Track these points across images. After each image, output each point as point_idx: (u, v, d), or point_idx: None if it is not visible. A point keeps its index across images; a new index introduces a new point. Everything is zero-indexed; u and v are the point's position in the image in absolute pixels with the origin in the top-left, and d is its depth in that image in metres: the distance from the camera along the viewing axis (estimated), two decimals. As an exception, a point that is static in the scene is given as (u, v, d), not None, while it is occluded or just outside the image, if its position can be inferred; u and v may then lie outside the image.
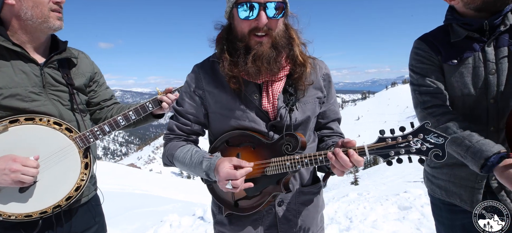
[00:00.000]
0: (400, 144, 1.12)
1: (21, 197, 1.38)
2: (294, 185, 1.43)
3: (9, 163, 1.28)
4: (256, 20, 1.22)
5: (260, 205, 1.34)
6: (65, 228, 1.56)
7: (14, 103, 1.38)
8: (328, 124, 1.52)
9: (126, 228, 4.88)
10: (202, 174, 1.32)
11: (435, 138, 1.11)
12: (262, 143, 1.31)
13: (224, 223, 1.46)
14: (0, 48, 1.38)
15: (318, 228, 1.54)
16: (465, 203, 1.55)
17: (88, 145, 1.50)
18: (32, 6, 1.37)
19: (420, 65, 1.58)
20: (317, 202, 1.51)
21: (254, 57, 1.24)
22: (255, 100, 1.33)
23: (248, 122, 1.34)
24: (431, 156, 1.10)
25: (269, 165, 1.28)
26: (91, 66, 1.75)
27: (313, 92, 1.41)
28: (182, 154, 1.37)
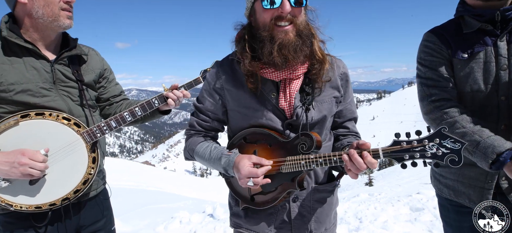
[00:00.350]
0: (415, 148, 1.12)
1: (31, 189, 1.43)
2: (309, 183, 1.44)
3: (18, 157, 1.33)
4: (280, 8, 1.22)
5: (275, 200, 1.37)
6: (74, 220, 1.61)
7: (25, 98, 1.43)
8: (344, 123, 1.52)
9: (138, 223, 4.99)
10: (221, 169, 1.37)
11: (451, 143, 1.10)
12: (278, 141, 1.33)
13: (240, 215, 1.49)
14: (13, 45, 1.43)
15: (331, 225, 1.55)
16: (474, 204, 1.50)
17: (95, 140, 1.54)
18: (43, 5, 1.41)
19: (429, 58, 1.52)
20: (331, 200, 1.52)
21: (280, 46, 1.25)
22: (272, 99, 1.35)
23: (265, 120, 1.36)
24: (446, 161, 1.09)
25: (285, 163, 1.30)
26: (101, 62, 1.79)
27: (330, 92, 1.41)
28: (202, 150, 1.42)
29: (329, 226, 1.53)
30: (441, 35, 1.51)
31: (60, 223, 1.55)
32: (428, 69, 1.52)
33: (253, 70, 1.30)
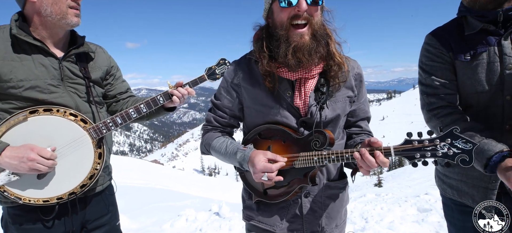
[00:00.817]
0: (427, 147, 1.14)
1: (39, 183, 1.47)
2: (321, 179, 1.47)
3: (27, 152, 1.37)
4: (296, 6, 1.25)
5: (287, 194, 1.41)
6: (80, 214, 1.64)
7: (33, 94, 1.47)
8: (357, 122, 1.54)
9: (145, 221, 5.06)
10: (236, 163, 1.41)
11: (463, 144, 1.11)
12: (292, 138, 1.36)
13: (252, 208, 1.53)
14: (22, 42, 1.47)
15: (341, 221, 1.58)
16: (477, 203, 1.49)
17: (101, 136, 1.57)
18: (52, 3, 1.45)
19: (430, 63, 1.53)
20: (342, 197, 1.55)
21: (295, 49, 1.29)
22: (288, 97, 1.38)
23: (280, 117, 1.39)
24: (457, 161, 1.11)
25: (298, 158, 1.33)
26: (108, 60, 1.82)
27: (344, 91, 1.44)
28: (218, 145, 1.47)
29: (339, 223, 1.56)
30: (442, 38, 1.50)
31: (67, 217, 1.59)
32: (428, 75, 1.53)
33: (271, 70, 1.34)
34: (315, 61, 1.33)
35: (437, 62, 1.50)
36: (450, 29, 1.51)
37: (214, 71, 1.87)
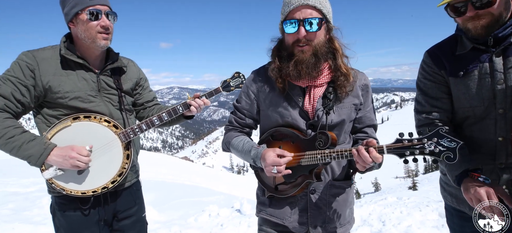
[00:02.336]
0: (416, 145, 1.28)
1: (79, 178, 1.75)
2: (326, 177, 1.63)
3: (69, 152, 1.65)
4: (297, 33, 1.46)
5: (295, 189, 1.58)
6: (111, 206, 1.92)
7: (76, 103, 1.75)
8: (363, 129, 1.69)
9: (172, 214, 5.42)
10: (250, 160, 1.61)
11: (448, 142, 1.25)
12: (300, 139, 1.55)
13: (265, 204, 1.72)
14: (69, 60, 1.75)
15: (345, 221, 1.72)
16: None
17: (129, 139, 1.83)
18: (84, 29, 1.72)
19: (424, 81, 1.64)
20: (346, 197, 1.70)
21: (296, 62, 1.49)
22: (299, 102, 1.58)
23: (291, 120, 1.58)
24: (443, 157, 1.24)
25: (304, 156, 1.51)
26: (137, 72, 2.09)
27: (350, 99, 1.60)
28: (236, 143, 1.68)
29: (343, 222, 1.70)
30: (436, 57, 1.60)
31: (100, 207, 1.87)
32: (421, 92, 1.65)
33: (280, 77, 1.55)
34: (313, 74, 1.51)
35: (430, 80, 1.61)
36: (445, 47, 1.60)
37: (228, 84, 2.07)
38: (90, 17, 1.69)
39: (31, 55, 1.70)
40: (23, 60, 1.67)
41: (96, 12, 1.70)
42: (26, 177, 8.74)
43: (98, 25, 1.72)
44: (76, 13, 1.70)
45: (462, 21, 1.43)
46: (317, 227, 1.63)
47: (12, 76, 1.64)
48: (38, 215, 5.19)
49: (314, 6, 1.44)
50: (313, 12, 1.45)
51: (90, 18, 1.69)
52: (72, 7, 1.70)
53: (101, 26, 1.72)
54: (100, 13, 1.71)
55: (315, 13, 1.45)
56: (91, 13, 1.69)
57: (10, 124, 1.59)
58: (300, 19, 1.44)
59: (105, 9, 1.73)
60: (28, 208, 5.52)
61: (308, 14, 1.44)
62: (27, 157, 1.60)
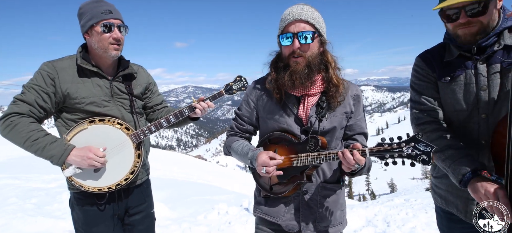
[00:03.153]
0: (395, 149, 1.37)
1: (95, 176, 1.93)
2: (317, 179, 1.74)
3: (86, 152, 1.82)
4: (291, 45, 1.59)
5: (288, 190, 1.70)
6: (123, 202, 2.09)
7: (92, 108, 1.93)
8: (353, 136, 1.79)
9: (183, 212, 5.61)
10: (248, 162, 1.74)
11: (423, 147, 1.33)
12: (293, 142, 1.68)
13: (261, 203, 1.85)
14: (84, 69, 1.93)
15: (336, 222, 1.80)
16: (461, 213, 1.64)
17: (139, 140, 1.99)
18: (98, 40, 1.88)
19: (418, 82, 1.71)
20: (337, 199, 1.79)
21: (291, 73, 1.62)
22: (294, 109, 1.70)
23: (286, 126, 1.71)
24: (418, 160, 1.33)
25: (296, 158, 1.64)
26: (147, 78, 2.25)
27: (342, 108, 1.71)
28: (236, 146, 1.82)
29: (334, 223, 1.79)
30: (428, 60, 1.67)
31: (114, 203, 2.04)
32: (416, 93, 1.71)
33: (277, 87, 1.68)
34: (306, 83, 1.62)
35: (424, 81, 1.68)
36: (434, 53, 1.67)
37: (231, 87, 2.21)
38: (104, 30, 1.86)
39: (51, 65, 1.88)
40: (45, 70, 1.86)
41: (109, 25, 1.87)
42: (47, 174, 9.18)
43: (110, 37, 1.88)
44: (91, 25, 1.87)
45: (453, 27, 1.50)
46: (309, 225, 1.74)
47: (35, 85, 1.83)
48: (58, 210, 5.50)
49: (307, 21, 1.57)
50: (307, 26, 1.57)
51: (103, 31, 1.86)
52: (88, 20, 1.88)
53: (113, 38, 1.88)
54: (113, 26, 1.87)
55: (308, 27, 1.57)
56: (104, 26, 1.86)
57: (35, 128, 1.78)
58: (295, 32, 1.57)
59: (117, 22, 1.90)
60: (49, 203, 5.85)
61: (301, 28, 1.56)
62: (50, 157, 1.78)
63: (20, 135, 1.73)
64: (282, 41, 1.62)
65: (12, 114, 1.75)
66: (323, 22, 1.65)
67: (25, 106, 1.79)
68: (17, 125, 1.74)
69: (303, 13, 1.57)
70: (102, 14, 1.85)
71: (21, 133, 1.74)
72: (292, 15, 1.58)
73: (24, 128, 1.74)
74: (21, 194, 6.50)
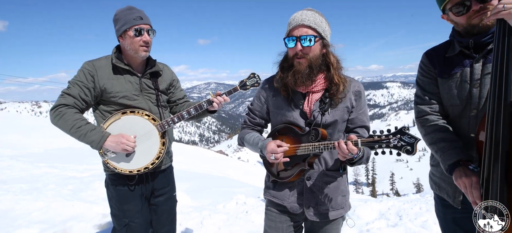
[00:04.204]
0: (383, 140, 1.53)
1: (127, 160, 2.22)
2: (319, 167, 1.94)
3: (120, 138, 2.12)
4: (295, 47, 1.78)
5: (292, 175, 1.91)
6: (150, 184, 2.38)
7: (124, 101, 2.22)
8: (355, 129, 1.96)
9: (203, 201, 5.94)
10: (258, 151, 1.97)
11: (408, 138, 1.49)
12: (298, 134, 1.88)
13: (270, 187, 2.08)
14: (118, 67, 2.23)
15: (338, 206, 1.98)
16: (450, 198, 1.79)
17: (164, 130, 2.27)
18: (130, 43, 2.16)
19: (422, 78, 1.84)
20: (338, 185, 1.97)
21: (294, 72, 1.82)
22: (300, 105, 1.90)
23: (293, 119, 1.92)
24: (403, 150, 1.49)
25: (299, 147, 1.84)
26: (171, 75, 2.53)
27: (343, 103, 1.89)
28: (248, 137, 2.05)
29: (335, 207, 1.97)
30: (431, 57, 1.79)
31: (142, 184, 2.34)
32: (419, 87, 1.85)
33: (283, 85, 1.89)
34: (307, 83, 1.82)
35: (427, 77, 1.80)
36: (439, 49, 1.78)
37: (245, 83, 2.44)
38: (135, 34, 2.14)
39: (91, 64, 2.20)
40: (86, 68, 2.17)
41: (140, 30, 2.15)
42: (80, 164, 9.88)
43: (140, 40, 2.16)
44: (125, 30, 2.16)
45: (467, 19, 1.54)
46: (310, 208, 1.94)
47: (78, 81, 2.15)
48: (91, 196, 6.00)
49: (309, 26, 1.74)
50: (309, 31, 1.74)
51: (135, 35, 2.14)
52: (122, 25, 2.17)
53: (143, 41, 2.16)
54: (143, 30, 2.15)
55: (311, 31, 1.74)
56: (136, 30, 2.14)
57: (78, 117, 2.10)
58: (298, 36, 1.75)
59: (147, 27, 2.18)
60: (83, 190, 6.39)
61: (304, 32, 1.74)
62: (90, 142, 2.09)
63: (66, 123, 2.06)
64: (287, 43, 1.80)
65: (60, 105, 2.08)
66: (326, 26, 1.81)
67: (70, 99, 2.11)
68: (64, 114, 2.06)
69: (305, 19, 1.74)
70: (134, 20, 2.13)
71: (68, 121, 2.06)
72: (296, 21, 1.76)
73: (70, 117, 2.06)
74: (59, 181, 7.11)
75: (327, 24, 1.83)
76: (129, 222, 2.30)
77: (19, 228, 4.22)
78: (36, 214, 4.80)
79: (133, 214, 2.30)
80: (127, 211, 2.29)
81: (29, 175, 7.62)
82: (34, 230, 4.20)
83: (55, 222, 4.49)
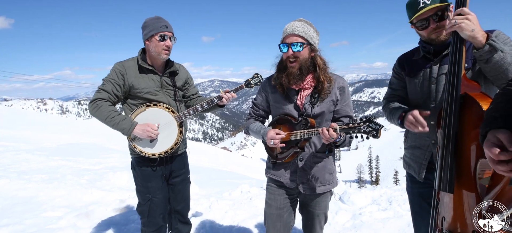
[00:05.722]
0: (356, 127, 1.92)
1: (151, 145, 2.66)
2: (310, 150, 2.34)
3: (146, 127, 2.54)
4: (287, 52, 2.18)
5: (287, 156, 2.33)
6: (168, 166, 2.80)
7: (148, 96, 2.65)
8: (340, 118, 2.36)
9: (210, 190, 6.38)
10: (260, 137, 2.39)
11: (374, 125, 1.89)
12: (292, 123, 2.29)
13: (270, 167, 2.50)
14: (143, 67, 2.65)
15: (326, 182, 2.38)
16: (416, 174, 2.20)
17: (181, 120, 2.70)
18: (154, 46, 2.58)
19: (392, 78, 2.28)
20: (325, 165, 2.38)
21: (287, 74, 2.22)
22: (294, 99, 2.32)
23: (288, 111, 2.33)
24: (370, 134, 1.88)
25: (293, 134, 2.24)
26: (186, 74, 2.95)
27: (330, 97, 2.29)
28: (252, 126, 2.48)
29: (323, 182, 2.37)
30: (401, 62, 2.21)
31: (163, 166, 2.77)
32: (390, 86, 2.29)
33: (280, 83, 2.30)
34: (299, 82, 2.22)
35: (396, 78, 2.24)
36: (408, 55, 2.20)
37: (249, 82, 2.85)
38: (160, 39, 2.57)
39: (121, 64, 2.63)
40: (117, 68, 2.61)
41: (164, 36, 2.57)
42: (92, 158, 10.39)
43: (164, 44, 2.59)
44: (152, 35, 2.58)
45: (427, 33, 1.89)
46: (302, 183, 2.36)
47: (111, 79, 2.58)
48: (107, 185, 6.48)
49: (299, 35, 2.12)
50: (298, 39, 2.12)
51: (160, 40, 2.57)
52: (150, 31, 2.58)
53: (165, 45, 2.59)
54: (166, 37, 2.58)
55: (300, 39, 2.12)
56: (161, 36, 2.56)
57: (112, 109, 2.54)
58: (289, 43, 2.14)
59: (169, 34, 2.60)
60: (98, 180, 6.86)
61: (294, 40, 2.12)
62: (122, 129, 2.53)
63: (102, 114, 2.50)
64: (282, 48, 2.19)
65: (97, 99, 2.52)
66: (314, 34, 2.19)
67: (105, 93, 2.54)
68: (101, 107, 2.50)
69: (295, 29, 2.12)
70: (160, 27, 2.55)
71: (103, 113, 2.50)
72: (288, 30, 2.15)
73: (105, 109, 2.50)
74: (75, 172, 7.60)
75: (315, 32, 2.22)
76: (152, 197, 2.74)
77: (45, 212, 4.69)
78: (59, 200, 5.28)
79: (155, 190, 2.74)
80: (150, 188, 2.73)
81: (47, 167, 8.13)
82: (59, 212, 4.67)
83: (77, 206, 4.96)
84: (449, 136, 1.76)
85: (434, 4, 1.85)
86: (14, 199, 5.33)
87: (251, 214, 4.45)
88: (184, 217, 3.07)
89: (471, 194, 1.64)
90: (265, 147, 2.53)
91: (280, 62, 2.32)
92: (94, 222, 4.30)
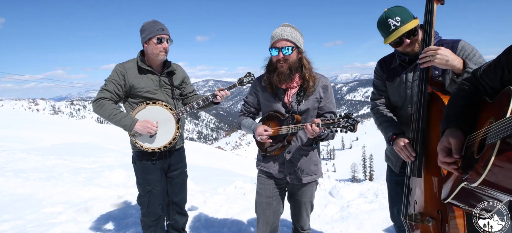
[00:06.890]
0: (335, 122, 2.14)
1: (150, 140, 2.85)
2: (297, 143, 2.55)
3: (146, 123, 2.75)
4: (277, 56, 2.38)
5: (276, 150, 2.54)
6: (167, 160, 3.01)
7: (148, 95, 2.85)
8: (324, 114, 2.57)
9: (205, 186, 6.57)
10: (251, 132, 2.59)
11: (352, 121, 2.10)
12: (280, 119, 2.49)
13: (261, 160, 2.71)
14: (142, 68, 2.85)
15: (311, 172, 2.58)
16: (394, 166, 2.44)
17: (178, 117, 2.90)
18: (152, 48, 2.78)
19: (375, 80, 2.51)
20: (310, 157, 2.58)
21: (278, 73, 2.42)
22: (282, 97, 2.53)
23: (277, 108, 2.54)
24: (348, 129, 2.10)
25: (281, 129, 2.45)
26: (182, 74, 3.15)
27: (314, 95, 2.51)
28: (243, 122, 2.68)
29: (309, 173, 2.58)
30: (382, 65, 2.44)
31: (162, 160, 2.97)
32: (374, 87, 2.52)
33: (269, 83, 2.50)
34: (288, 81, 2.43)
35: (378, 80, 2.47)
36: (387, 60, 2.43)
37: (242, 81, 3.07)
38: (157, 41, 2.76)
39: (122, 66, 2.82)
40: (118, 69, 2.80)
41: (161, 38, 2.77)
42: (88, 157, 10.49)
43: (161, 46, 2.79)
44: (149, 38, 2.77)
45: (403, 48, 2.10)
46: (290, 174, 2.57)
47: (113, 79, 2.77)
48: (104, 182, 6.62)
49: (288, 39, 2.33)
50: (287, 43, 2.33)
51: (157, 42, 2.76)
52: (147, 34, 2.78)
53: (163, 47, 2.79)
54: (163, 39, 2.78)
55: (289, 43, 2.33)
56: (158, 39, 2.76)
57: (114, 107, 2.73)
58: (279, 47, 2.34)
59: (166, 37, 2.80)
60: (95, 177, 7.00)
61: (284, 44, 2.33)
62: (123, 126, 2.72)
63: (106, 111, 2.68)
64: (271, 52, 2.40)
65: (101, 98, 2.71)
66: (300, 37, 2.41)
67: (107, 93, 2.74)
68: (104, 105, 2.69)
69: (284, 34, 2.33)
70: (157, 31, 2.75)
71: (106, 110, 2.69)
72: (277, 35, 2.35)
73: (108, 107, 2.69)
74: (72, 170, 7.73)
75: (301, 35, 2.44)
76: (151, 189, 2.94)
77: (45, 208, 4.84)
78: (58, 196, 5.42)
79: (154, 183, 2.94)
80: (150, 180, 2.93)
81: (43, 165, 8.23)
82: (58, 208, 4.83)
83: (75, 202, 5.12)
84: (418, 129, 2.01)
85: (404, 27, 2.06)
86: (13, 196, 5.46)
87: (244, 208, 4.67)
88: (182, 208, 3.27)
89: (435, 178, 1.89)
90: (255, 141, 2.74)
91: (269, 64, 2.53)
92: (94, 216, 4.47)
